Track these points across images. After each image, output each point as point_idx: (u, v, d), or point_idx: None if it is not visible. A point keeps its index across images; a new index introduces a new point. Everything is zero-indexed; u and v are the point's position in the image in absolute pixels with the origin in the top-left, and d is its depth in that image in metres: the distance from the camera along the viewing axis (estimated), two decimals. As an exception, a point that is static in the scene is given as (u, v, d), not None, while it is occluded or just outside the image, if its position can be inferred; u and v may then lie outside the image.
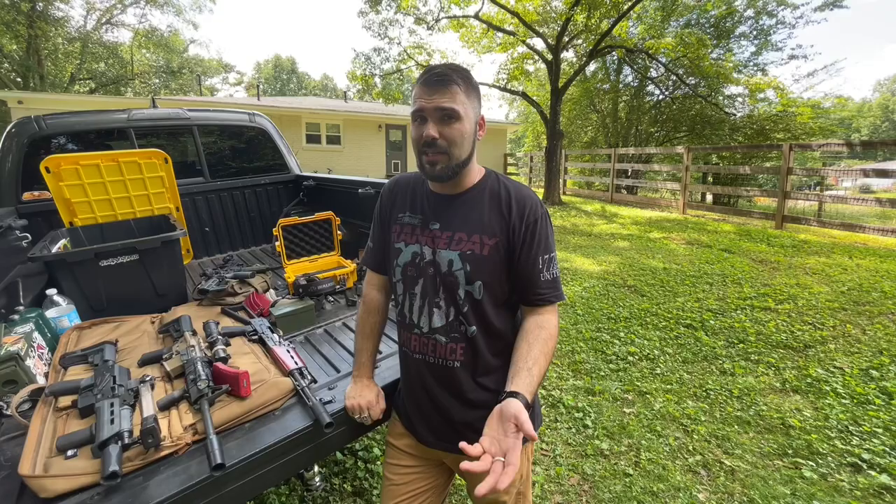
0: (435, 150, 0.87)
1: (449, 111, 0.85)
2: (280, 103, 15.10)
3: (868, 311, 3.36)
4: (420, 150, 0.89)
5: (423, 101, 0.85)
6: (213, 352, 1.22)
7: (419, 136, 0.88)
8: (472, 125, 0.89)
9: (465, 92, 0.86)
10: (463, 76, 0.87)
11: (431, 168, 0.89)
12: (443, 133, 0.86)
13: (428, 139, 0.86)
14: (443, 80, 0.85)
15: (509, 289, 0.92)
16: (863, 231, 5.93)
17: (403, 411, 1.06)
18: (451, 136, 0.86)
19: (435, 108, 0.85)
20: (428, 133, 0.85)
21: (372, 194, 2.07)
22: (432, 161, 0.88)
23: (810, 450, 1.97)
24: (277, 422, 1.04)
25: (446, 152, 0.87)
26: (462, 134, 0.86)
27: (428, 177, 0.93)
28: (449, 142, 0.86)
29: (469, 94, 0.88)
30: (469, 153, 0.90)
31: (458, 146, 0.87)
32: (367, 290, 1.12)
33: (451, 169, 0.89)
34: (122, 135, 2.43)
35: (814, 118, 10.23)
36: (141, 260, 1.66)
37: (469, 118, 0.87)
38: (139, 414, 1.02)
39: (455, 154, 0.87)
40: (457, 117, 0.85)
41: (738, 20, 12.33)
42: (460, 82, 0.86)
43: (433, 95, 0.85)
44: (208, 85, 29.40)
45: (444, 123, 0.86)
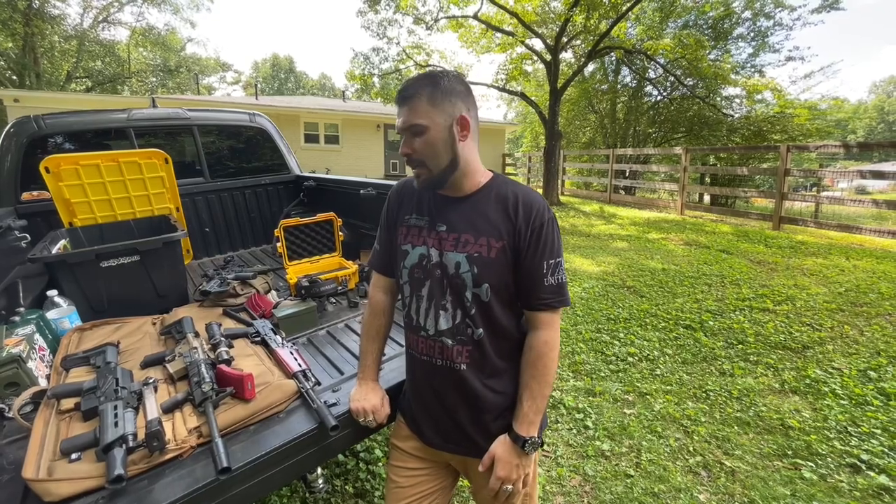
0: (414, 165, 0.92)
1: (412, 128, 0.89)
2: (278, 103, 15.06)
3: (865, 312, 3.38)
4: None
5: (398, 122, 0.92)
6: (217, 354, 1.22)
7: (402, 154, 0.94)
8: (441, 132, 0.88)
9: (429, 101, 0.87)
10: (429, 83, 0.88)
11: (418, 181, 0.95)
12: (414, 149, 0.90)
13: (403, 156, 0.92)
14: (404, 97, 0.89)
15: (516, 292, 0.92)
16: (859, 232, 5.97)
17: (409, 413, 1.06)
18: (421, 149, 0.89)
19: (401, 127, 0.90)
20: (402, 150, 0.92)
21: (374, 195, 2.07)
22: (417, 174, 0.94)
23: (810, 451, 1.98)
24: (282, 424, 1.04)
25: (424, 165, 0.91)
26: (430, 144, 0.89)
27: (419, 189, 0.99)
28: (421, 155, 0.90)
29: (435, 102, 0.87)
30: (450, 159, 0.90)
31: (432, 157, 0.90)
32: (372, 292, 1.12)
33: (434, 179, 0.93)
34: (122, 134, 2.42)
35: (811, 119, 10.28)
36: (142, 261, 1.66)
37: (437, 126, 0.88)
38: (143, 416, 1.02)
39: (432, 164, 0.91)
40: (421, 131, 0.88)
41: (736, 22, 12.39)
42: (423, 93, 0.87)
43: (400, 115, 0.90)
44: (206, 84, 29.28)
45: (413, 139, 0.90)
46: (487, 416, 0.93)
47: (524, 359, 0.91)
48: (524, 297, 0.91)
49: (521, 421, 0.88)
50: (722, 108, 11.74)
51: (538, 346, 0.89)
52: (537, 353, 0.89)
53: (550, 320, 0.90)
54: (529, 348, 0.90)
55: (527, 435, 0.86)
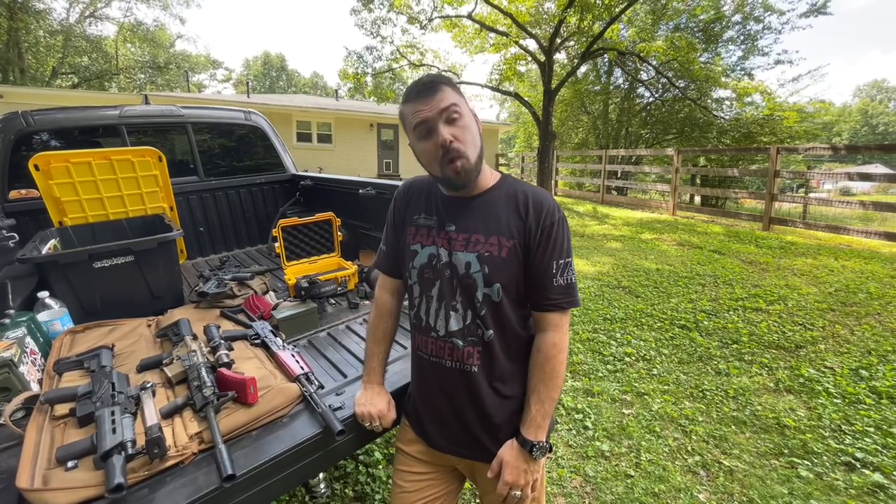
0: (455, 154, 0.85)
1: (452, 108, 0.84)
2: (270, 101, 14.91)
3: (855, 311, 3.44)
4: (440, 161, 0.86)
5: (424, 112, 0.84)
6: (216, 357, 1.19)
7: (434, 148, 0.85)
8: (472, 119, 0.88)
9: (453, 89, 0.87)
10: (447, 80, 0.88)
11: (457, 175, 0.87)
12: (455, 134, 0.85)
13: (445, 143, 0.84)
14: (431, 85, 0.85)
15: (525, 292, 0.91)
16: (847, 233, 6.08)
17: (415, 416, 1.04)
18: (462, 134, 0.85)
19: (438, 110, 0.84)
20: (443, 137, 0.83)
21: (373, 195, 2.04)
22: (456, 168, 0.86)
23: (805, 449, 2.00)
24: (285, 429, 1.01)
25: (463, 154, 0.86)
26: (470, 131, 0.87)
27: (455, 186, 0.91)
28: (462, 141, 0.86)
29: (458, 92, 0.88)
30: (480, 151, 0.90)
31: (471, 144, 0.87)
32: (379, 293, 1.10)
33: (473, 170, 0.88)
34: (113, 132, 2.36)
35: (799, 122, 10.46)
36: (136, 261, 1.62)
37: (469, 116, 0.88)
38: (141, 422, 0.99)
39: (471, 153, 0.87)
40: (461, 114, 0.85)
41: (726, 25, 12.54)
42: (448, 85, 0.86)
43: (430, 102, 0.84)
44: (196, 81, 28.90)
45: (451, 123, 0.85)
46: (497, 419, 0.92)
47: (532, 361, 0.90)
48: (533, 297, 0.90)
49: (528, 425, 0.86)
50: (713, 111, 11.89)
51: (546, 348, 0.88)
52: (545, 355, 0.87)
53: (559, 322, 0.88)
54: (537, 351, 0.89)
55: (535, 439, 0.85)
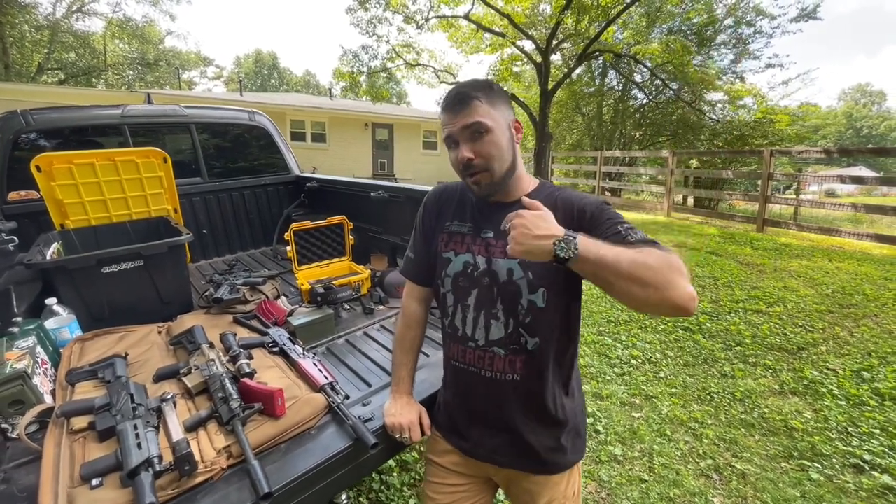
0: (474, 171, 0.86)
1: (475, 125, 0.83)
2: (264, 99, 14.73)
3: (853, 313, 3.49)
4: (461, 174, 0.90)
5: (449, 126, 0.86)
6: (237, 366, 1.16)
7: (456, 161, 0.88)
8: (505, 133, 0.86)
9: (487, 102, 0.85)
10: (483, 87, 0.86)
11: (478, 188, 0.89)
12: (477, 151, 0.85)
13: (464, 161, 0.85)
14: (462, 98, 0.84)
15: (570, 296, 0.88)
16: (839, 235, 6.18)
17: (448, 426, 1.02)
18: (486, 151, 0.85)
19: (462, 127, 0.84)
20: (462, 155, 0.85)
21: (386, 198, 2.02)
22: (476, 181, 0.88)
23: (814, 451, 2.02)
24: (314, 442, 0.99)
25: (486, 169, 0.86)
26: (497, 146, 0.85)
27: (477, 197, 0.93)
28: (486, 158, 0.85)
29: (494, 104, 0.86)
30: (511, 162, 0.88)
31: (497, 159, 0.85)
32: (406, 302, 1.08)
33: (496, 184, 0.88)
34: (116, 131, 2.30)
35: (790, 125, 10.63)
36: (145, 266, 1.57)
37: (500, 127, 0.85)
38: (164, 436, 0.96)
39: (496, 168, 0.86)
40: (485, 130, 0.84)
41: (719, 29, 12.69)
42: (480, 95, 0.84)
43: (456, 117, 0.85)
44: (186, 78, 28.47)
45: (475, 140, 0.85)
46: (540, 428, 0.90)
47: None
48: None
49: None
50: (707, 113, 12.03)
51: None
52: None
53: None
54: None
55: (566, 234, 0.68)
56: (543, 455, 0.90)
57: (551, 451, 0.90)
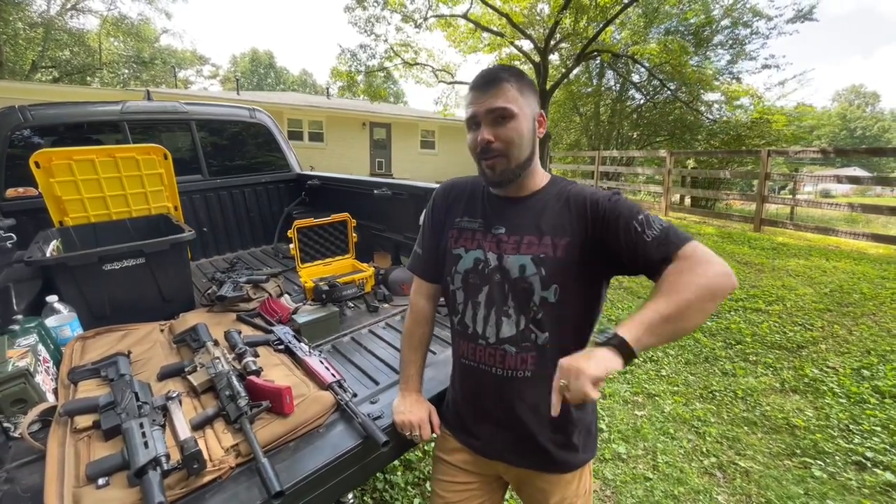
0: (492, 155, 0.84)
1: (500, 111, 0.82)
2: (261, 98, 14.66)
3: (851, 312, 3.51)
4: (477, 156, 0.87)
5: (475, 106, 0.84)
6: (243, 364, 1.14)
7: (474, 143, 0.86)
8: (529, 123, 0.85)
9: (517, 89, 0.84)
10: (514, 73, 0.85)
11: (492, 172, 0.87)
12: (498, 135, 0.83)
13: (482, 144, 0.84)
14: (492, 80, 0.83)
15: (583, 292, 0.87)
16: (835, 234, 6.22)
17: (458, 425, 1.01)
18: (507, 136, 0.83)
19: (486, 110, 0.83)
20: (482, 137, 0.83)
21: (389, 196, 2.00)
22: (491, 165, 0.86)
23: (817, 449, 2.03)
24: (323, 440, 0.98)
25: (504, 154, 0.84)
26: (518, 133, 0.83)
27: (489, 182, 0.90)
28: (505, 143, 0.83)
29: (523, 92, 0.85)
30: (530, 153, 0.87)
31: (517, 146, 0.84)
32: (414, 299, 1.07)
33: (512, 171, 0.86)
34: (115, 128, 2.28)
35: (787, 125, 10.70)
36: (147, 263, 1.55)
37: (525, 116, 0.84)
38: (170, 434, 0.94)
39: (514, 155, 0.85)
40: (510, 116, 0.82)
41: (716, 29, 12.75)
42: (511, 80, 0.83)
43: (483, 98, 0.83)
44: (182, 77, 28.30)
45: (497, 125, 0.83)
46: (552, 425, 0.89)
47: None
48: (641, 268, 0.79)
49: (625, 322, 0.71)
50: (704, 113, 12.08)
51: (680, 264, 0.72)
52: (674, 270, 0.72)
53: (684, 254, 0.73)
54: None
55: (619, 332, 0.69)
56: (555, 454, 0.89)
57: (563, 450, 0.90)
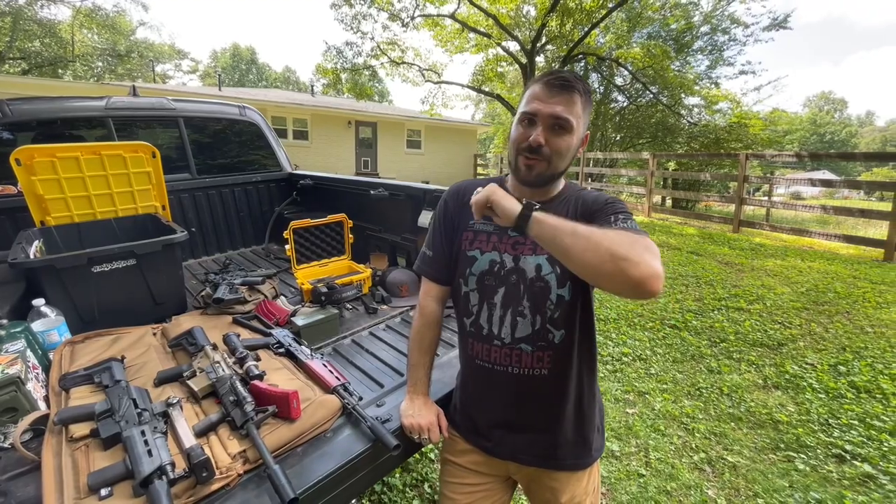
0: (537, 156, 0.85)
1: (564, 122, 0.83)
2: (244, 94, 14.35)
3: (827, 310, 3.65)
4: (519, 150, 0.87)
5: (540, 105, 0.83)
6: (245, 368, 1.12)
7: (523, 138, 0.85)
8: (577, 140, 0.87)
9: (582, 104, 0.85)
10: (586, 89, 0.85)
11: (528, 171, 0.87)
12: (551, 142, 0.84)
13: (535, 145, 0.84)
14: (567, 86, 0.82)
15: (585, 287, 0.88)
16: (809, 235, 6.47)
17: (467, 426, 1.01)
18: (559, 146, 0.84)
19: (550, 114, 0.82)
20: (536, 139, 0.83)
21: (386, 196, 1.99)
22: (530, 165, 0.86)
23: (799, 443, 2.11)
24: (330, 445, 0.97)
25: (548, 161, 0.85)
26: (569, 147, 0.85)
27: (522, 180, 0.90)
28: (555, 151, 0.84)
29: (585, 108, 0.86)
30: (567, 166, 0.89)
31: (562, 157, 0.86)
32: (424, 301, 1.06)
33: (547, 177, 0.88)
34: (99, 124, 2.19)
35: (763, 129, 11.07)
36: (138, 265, 1.51)
37: (578, 133, 0.86)
38: (173, 442, 0.92)
39: (556, 164, 0.86)
40: (569, 129, 0.83)
41: (696, 35, 13.10)
42: (582, 93, 0.84)
43: (552, 99, 0.82)
44: (160, 71, 27.49)
45: (554, 132, 0.84)
46: (566, 423, 0.91)
47: None
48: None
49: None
50: (685, 117, 12.39)
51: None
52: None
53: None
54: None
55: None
56: (568, 452, 0.91)
57: (576, 448, 0.91)
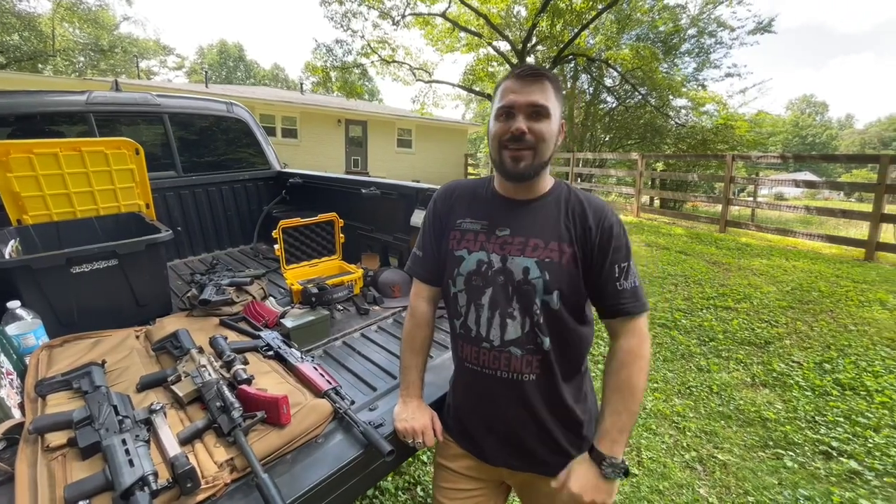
0: (521, 146, 0.84)
1: (540, 108, 0.83)
2: (231, 91, 14.12)
3: (811, 309, 3.72)
4: (502, 145, 0.86)
5: (515, 96, 0.84)
6: (233, 372, 1.08)
7: (504, 131, 0.85)
8: (556, 125, 0.87)
9: (555, 91, 0.86)
10: (555, 78, 0.87)
11: (514, 164, 0.86)
12: (532, 129, 0.83)
13: (517, 133, 0.83)
14: (537, 75, 0.84)
15: (585, 299, 0.89)
16: (793, 235, 6.60)
17: (460, 430, 0.99)
18: (541, 132, 0.84)
19: (527, 102, 0.83)
20: (518, 127, 0.83)
21: (377, 195, 1.96)
22: (516, 157, 0.85)
23: (787, 440, 2.13)
24: (322, 451, 0.94)
25: (533, 148, 0.84)
26: (551, 132, 0.85)
27: (509, 174, 0.88)
28: (537, 138, 0.84)
29: (557, 96, 0.87)
30: (551, 155, 0.88)
31: (546, 144, 0.85)
32: (415, 302, 1.04)
33: (535, 168, 0.86)
34: (81, 120, 2.12)
35: (749, 131, 11.29)
36: (120, 265, 1.46)
37: (555, 118, 0.86)
38: (156, 450, 0.88)
39: (542, 151, 0.85)
40: (546, 115, 0.84)
41: (683, 38, 13.29)
42: (552, 82, 0.85)
43: (526, 89, 0.83)
44: (144, 67, 26.95)
45: (533, 119, 0.84)
46: (557, 429, 0.89)
47: (607, 369, 0.88)
48: (599, 304, 0.88)
49: (602, 438, 0.83)
50: (674, 118, 12.57)
51: (621, 355, 0.85)
52: (619, 362, 0.85)
53: (632, 327, 0.85)
54: (612, 357, 0.87)
55: (608, 453, 0.82)
56: (561, 456, 0.89)
57: (569, 452, 0.90)
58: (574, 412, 0.91)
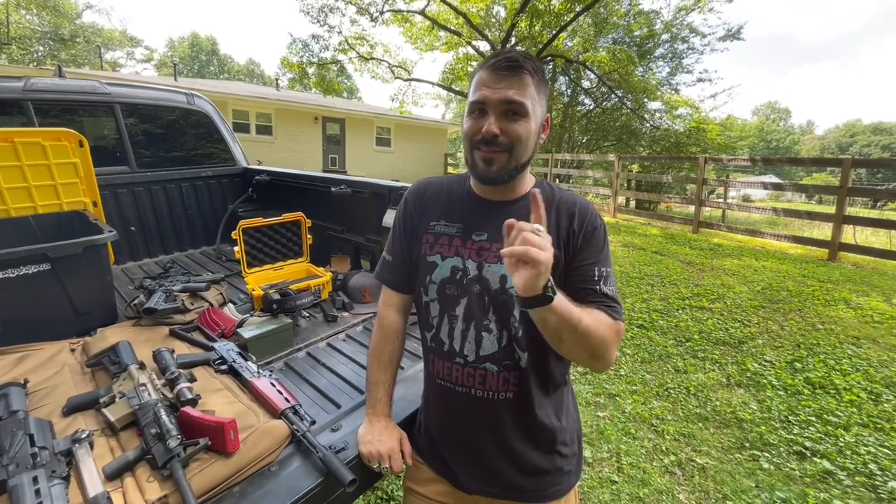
0: (494, 148, 0.75)
1: (516, 106, 0.73)
2: (203, 86, 13.58)
3: (781, 308, 3.81)
4: (473, 144, 0.77)
5: (488, 91, 0.73)
6: (176, 392, 0.96)
7: (475, 131, 0.75)
8: (538, 124, 0.77)
9: (536, 85, 0.75)
10: (538, 67, 0.76)
11: (486, 167, 0.76)
12: (505, 129, 0.74)
13: (488, 136, 0.73)
14: (514, 66, 0.73)
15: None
16: (762, 236, 6.82)
17: (432, 453, 0.91)
18: (517, 133, 0.74)
19: (501, 100, 0.73)
20: (489, 129, 0.73)
21: (348, 193, 1.85)
22: (488, 158, 0.76)
23: (762, 441, 2.14)
24: (276, 481, 0.83)
25: (507, 150, 0.75)
26: (528, 132, 0.75)
27: (480, 177, 0.80)
28: (513, 139, 0.74)
29: (539, 89, 0.76)
30: (530, 156, 0.79)
31: (524, 146, 0.75)
32: (383, 311, 0.95)
33: (509, 171, 0.77)
34: (17, 109, 1.92)
35: (719, 134, 11.65)
36: (54, 270, 1.30)
37: (536, 116, 0.76)
38: (77, 489, 0.76)
39: (517, 154, 0.76)
40: (523, 114, 0.74)
41: (657, 43, 13.62)
42: (533, 73, 0.74)
43: (501, 83, 0.73)
44: (109, 59, 25.74)
45: (507, 119, 0.74)
46: (533, 452, 0.82)
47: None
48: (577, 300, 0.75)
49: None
50: (649, 121, 12.85)
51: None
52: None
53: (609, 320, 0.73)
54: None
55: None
56: (540, 482, 0.82)
57: (549, 477, 0.82)
58: (554, 431, 0.83)
